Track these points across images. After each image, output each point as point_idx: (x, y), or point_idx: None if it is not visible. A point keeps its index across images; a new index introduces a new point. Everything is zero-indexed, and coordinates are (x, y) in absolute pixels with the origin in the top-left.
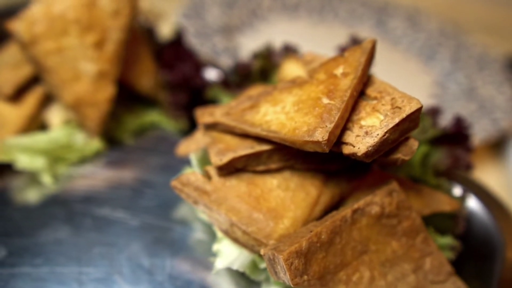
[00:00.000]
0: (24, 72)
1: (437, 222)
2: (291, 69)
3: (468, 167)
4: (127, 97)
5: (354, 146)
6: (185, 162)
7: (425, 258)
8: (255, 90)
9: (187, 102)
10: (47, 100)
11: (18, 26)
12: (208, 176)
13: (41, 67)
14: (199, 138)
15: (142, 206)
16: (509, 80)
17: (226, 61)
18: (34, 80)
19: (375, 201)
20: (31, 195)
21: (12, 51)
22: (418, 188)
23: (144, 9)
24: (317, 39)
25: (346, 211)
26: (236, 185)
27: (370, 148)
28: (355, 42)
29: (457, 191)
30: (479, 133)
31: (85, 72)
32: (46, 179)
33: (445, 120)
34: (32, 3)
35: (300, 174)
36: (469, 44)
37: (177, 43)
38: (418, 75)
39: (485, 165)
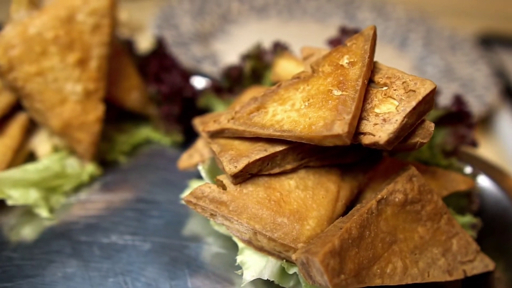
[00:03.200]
0: (3, 101)
1: (453, 202)
2: (284, 66)
3: (474, 144)
4: (116, 116)
5: (374, 135)
6: (185, 175)
7: (451, 240)
8: (254, 92)
9: (180, 114)
10: (32, 127)
11: None
12: (222, 186)
13: (22, 93)
14: (201, 149)
15: (150, 227)
16: (483, 57)
17: (209, 68)
18: (15, 108)
19: (397, 188)
20: (28, 232)
21: None
22: (432, 170)
23: (122, 21)
24: (289, 36)
25: (371, 203)
26: (254, 191)
27: (391, 135)
28: (344, 32)
29: (467, 169)
30: None
31: (70, 93)
32: (43, 212)
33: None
34: (4, 25)
35: (316, 172)
36: (438, 28)
37: (160, 54)
38: (395, 62)
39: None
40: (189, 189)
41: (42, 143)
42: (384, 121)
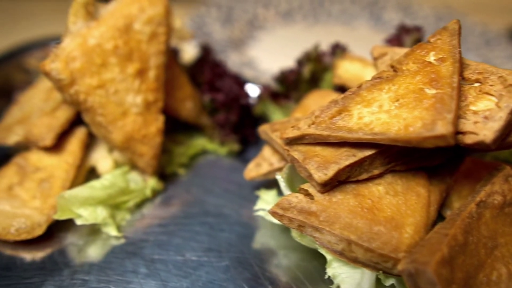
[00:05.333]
0: (63, 116)
1: None
2: (346, 67)
3: None
4: (171, 127)
5: (477, 134)
6: (247, 186)
7: None
8: (319, 95)
9: (237, 122)
10: (91, 141)
11: (53, 65)
12: (309, 196)
13: (83, 107)
14: (269, 157)
15: (223, 243)
16: None
17: (252, 74)
18: (73, 123)
19: (495, 190)
20: (98, 252)
21: (41, 95)
22: None
23: (176, 29)
24: (317, 39)
25: (470, 206)
26: (344, 200)
27: (497, 133)
28: (403, 30)
29: None
30: None
31: (131, 105)
32: (111, 231)
33: None
34: (64, 37)
35: (403, 176)
36: (468, 24)
37: (209, 61)
38: None
39: None
40: (261, 200)
41: (103, 159)
42: (486, 118)
